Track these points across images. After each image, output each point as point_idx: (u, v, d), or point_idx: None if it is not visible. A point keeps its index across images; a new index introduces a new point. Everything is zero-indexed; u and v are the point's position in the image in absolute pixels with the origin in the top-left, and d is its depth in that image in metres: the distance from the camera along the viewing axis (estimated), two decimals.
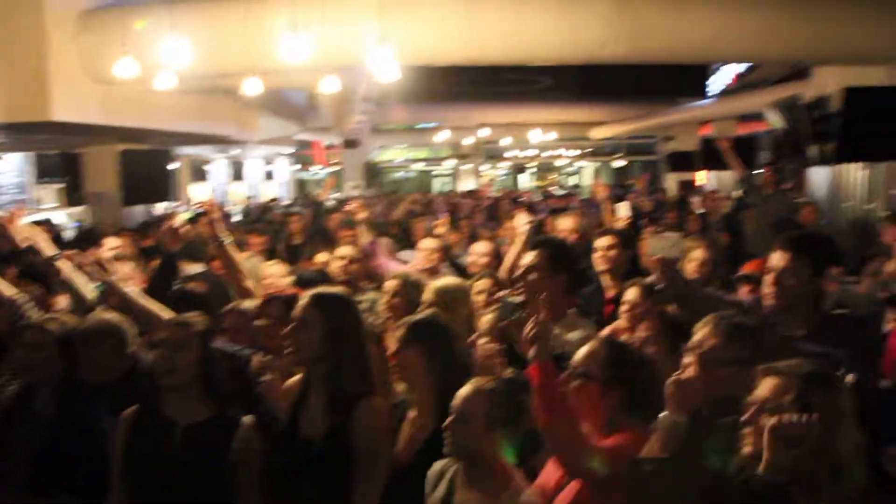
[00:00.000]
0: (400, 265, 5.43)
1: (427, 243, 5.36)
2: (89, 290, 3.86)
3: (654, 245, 3.33)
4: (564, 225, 5.70)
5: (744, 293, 4.52)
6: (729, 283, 5.38)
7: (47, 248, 4.00)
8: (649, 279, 3.94)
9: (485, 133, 23.63)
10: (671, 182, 20.01)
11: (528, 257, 3.51)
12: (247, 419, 2.68)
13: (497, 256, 5.51)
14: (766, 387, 2.16)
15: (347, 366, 2.64)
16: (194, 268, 5.44)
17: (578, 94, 20.52)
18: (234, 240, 4.60)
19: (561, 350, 3.14)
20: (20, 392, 3.16)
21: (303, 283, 4.43)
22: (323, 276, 4.79)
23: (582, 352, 2.61)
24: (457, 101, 21.32)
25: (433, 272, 5.20)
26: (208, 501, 2.57)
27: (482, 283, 4.21)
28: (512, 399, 2.53)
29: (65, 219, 17.92)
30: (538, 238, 3.80)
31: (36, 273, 4.47)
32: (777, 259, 3.19)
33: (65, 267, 3.88)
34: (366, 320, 2.89)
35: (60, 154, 11.64)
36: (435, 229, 7.11)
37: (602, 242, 4.76)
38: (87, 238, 5.92)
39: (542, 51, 7.01)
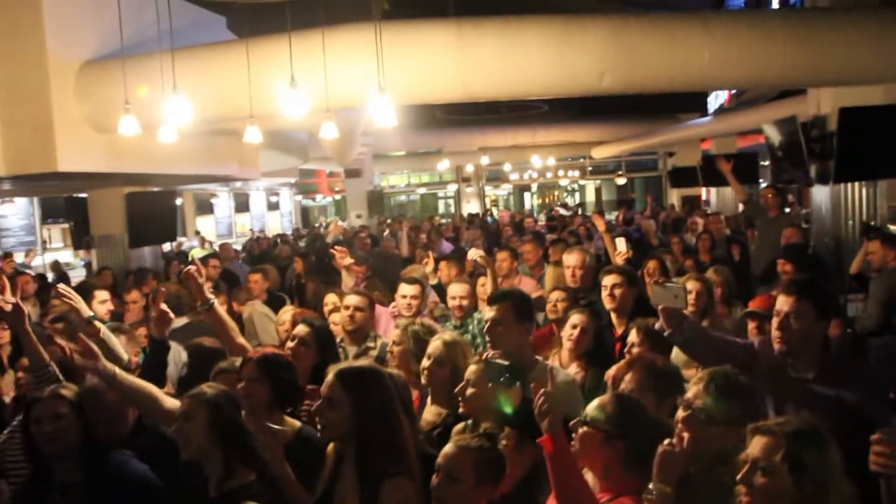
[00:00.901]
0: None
1: (401, 290, 5.39)
2: (123, 351, 3.88)
3: (656, 295, 3.36)
4: (571, 261, 5.72)
5: (751, 329, 4.54)
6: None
7: (84, 310, 4.03)
8: (653, 323, 3.98)
9: (485, 161, 23.83)
10: (674, 198, 20.05)
11: (490, 312, 3.55)
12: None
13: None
14: (756, 445, 2.21)
15: (377, 442, 2.65)
16: (179, 321, 5.42)
17: (577, 115, 20.67)
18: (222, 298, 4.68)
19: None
20: (36, 470, 3.16)
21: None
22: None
23: (595, 403, 2.67)
24: (456, 127, 21.48)
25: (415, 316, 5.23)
26: None
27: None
28: (496, 454, 2.58)
29: (72, 258, 18.09)
30: (500, 291, 3.87)
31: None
32: (782, 303, 3.24)
33: (102, 327, 3.90)
34: (394, 393, 2.85)
35: (66, 197, 11.72)
36: (424, 265, 7.14)
37: (608, 281, 4.80)
38: (80, 291, 5.88)
39: (537, 86, 7.07)
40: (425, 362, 3.73)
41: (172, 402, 3.20)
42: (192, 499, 2.79)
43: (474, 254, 6.08)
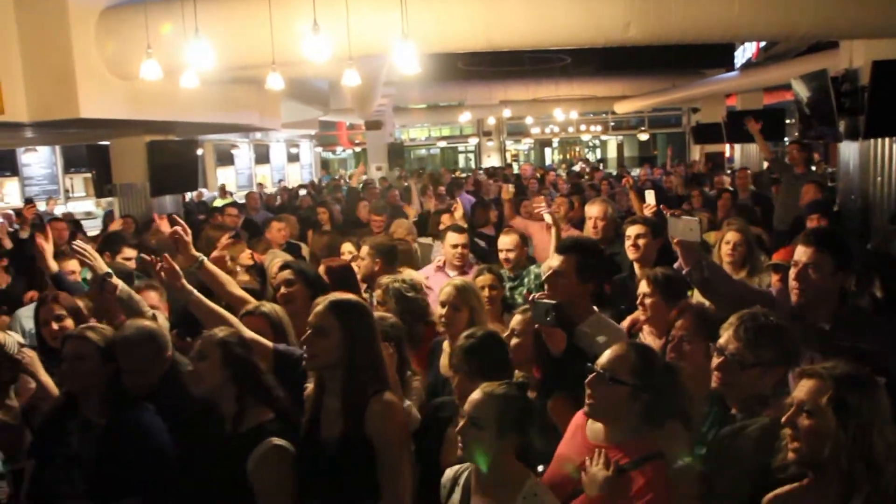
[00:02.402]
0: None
1: (451, 239, 5.36)
2: (145, 306, 3.90)
3: (671, 227, 3.31)
4: (593, 211, 5.68)
5: (775, 282, 4.50)
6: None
7: (101, 267, 4.03)
8: (675, 266, 3.95)
9: (507, 114, 23.54)
10: (697, 154, 19.81)
11: (556, 261, 3.50)
12: (274, 439, 2.72)
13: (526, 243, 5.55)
14: (802, 388, 2.20)
15: (363, 369, 2.69)
16: None
17: (601, 69, 20.36)
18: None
19: (590, 350, 3.19)
20: (65, 401, 3.23)
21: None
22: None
23: (609, 355, 2.64)
24: (478, 80, 21.24)
25: (461, 269, 5.24)
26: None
27: (483, 279, 4.28)
28: (523, 404, 2.56)
29: (93, 208, 18.23)
30: (566, 242, 3.79)
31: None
32: (801, 254, 3.20)
33: (119, 284, 3.92)
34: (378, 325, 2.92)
35: (88, 145, 11.74)
36: (454, 215, 7.13)
37: (632, 231, 4.76)
38: (108, 243, 5.94)
39: (562, 35, 6.96)
40: (441, 309, 3.76)
41: (247, 332, 3.24)
42: (210, 438, 2.81)
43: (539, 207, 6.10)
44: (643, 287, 3.80)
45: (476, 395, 2.53)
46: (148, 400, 3.22)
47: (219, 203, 14.86)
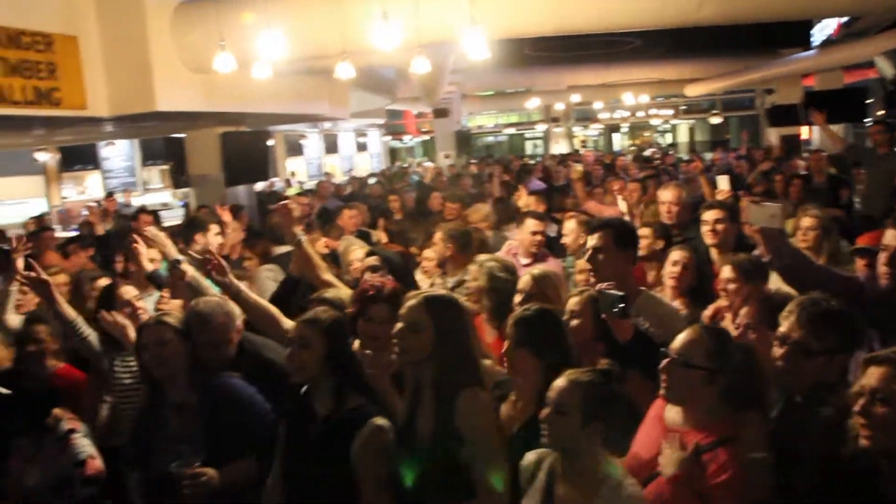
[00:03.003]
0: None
1: (530, 226, 5.31)
2: (213, 291, 4.01)
3: (753, 214, 3.22)
4: (666, 196, 5.56)
5: (860, 266, 4.34)
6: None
7: (171, 253, 4.15)
8: (754, 253, 3.85)
9: (576, 99, 23.19)
10: (773, 138, 19.21)
11: (591, 240, 3.46)
12: (376, 419, 2.76)
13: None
14: (872, 376, 2.13)
15: (453, 364, 2.68)
16: (280, 249, 5.67)
17: (671, 51, 19.87)
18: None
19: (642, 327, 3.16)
20: (151, 392, 3.32)
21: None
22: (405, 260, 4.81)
23: (683, 338, 2.59)
24: (546, 66, 21.00)
25: (536, 257, 5.20)
26: (336, 491, 2.70)
27: (583, 263, 4.21)
28: (608, 392, 2.52)
29: (170, 199, 18.77)
30: (596, 221, 3.74)
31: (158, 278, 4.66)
32: (891, 237, 3.08)
33: (189, 269, 4.02)
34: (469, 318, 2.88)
35: (165, 139, 12.07)
36: (520, 201, 7.10)
37: (709, 216, 4.63)
38: (192, 226, 6.16)
39: (631, 17, 6.82)
40: (517, 297, 3.74)
41: (290, 323, 3.28)
42: (302, 421, 2.85)
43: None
44: (727, 273, 3.71)
45: (560, 381, 2.50)
46: (230, 370, 3.31)
47: (291, 192, 15.15)
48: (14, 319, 4.50)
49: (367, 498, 2.71)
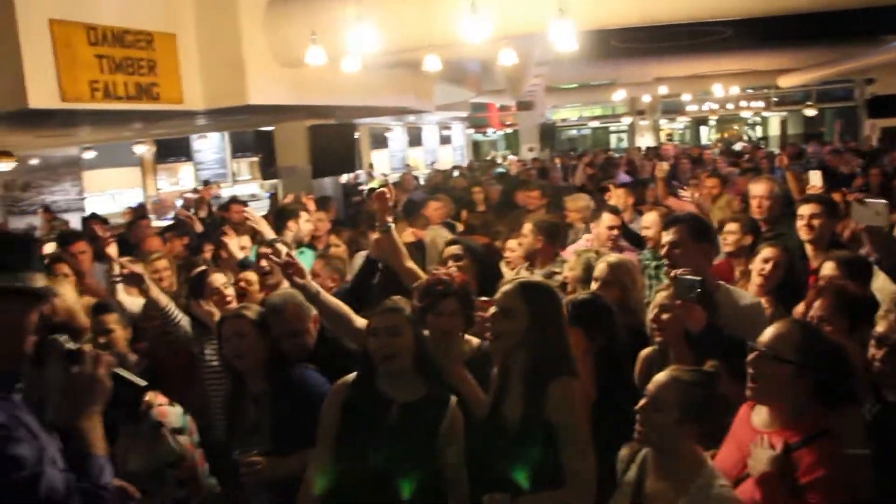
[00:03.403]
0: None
1: (606, 220, 5.28)
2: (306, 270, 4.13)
3: (856, 213, 3.14)
4: (758, 190, 5.42)
5: None
6: None
7: (268, 233, 4.30)
8: (861, 251, 3.74)
9: (663, 91, 22.69)
10: (872, 130, 18.41)
11: (667, 236, 3.40)
12: (453, 399, 2.81)
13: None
14: None
15: (546, 352, 2.67)
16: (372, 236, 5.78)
17: (764, 40, 19.20)
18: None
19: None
20: (234, 382, 3.42)
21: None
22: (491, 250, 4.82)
23: (772, 331, 2.53)
24: (632, 57, 20.62)
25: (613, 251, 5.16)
26: (419, 475, 2.73)
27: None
28: (709, 393, 2.47)
29: (258, 190, 19.29)
30: (674, 216, 3.70)
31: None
32: None
33: (284, 249, 4.16)
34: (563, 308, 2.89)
35: (254, 131, 12.41)
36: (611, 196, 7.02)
37: (806, 210, 4.50)
38: (283, 214, 6.35)
39: (722, 5, 6.61)
40: (594, 285, 3.74)
41: (361, 322, 3.34)
42: (379, 405, 2.89)
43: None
44: (829, 270, 3.61)
45: (661, 376, 2.48)
46: (310, 359, 3.38)
47: (374, 184, 15.33)
48: (129, 300, 4.64)
49: (451, 478, 2.75)
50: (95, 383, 2.02)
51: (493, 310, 2.75)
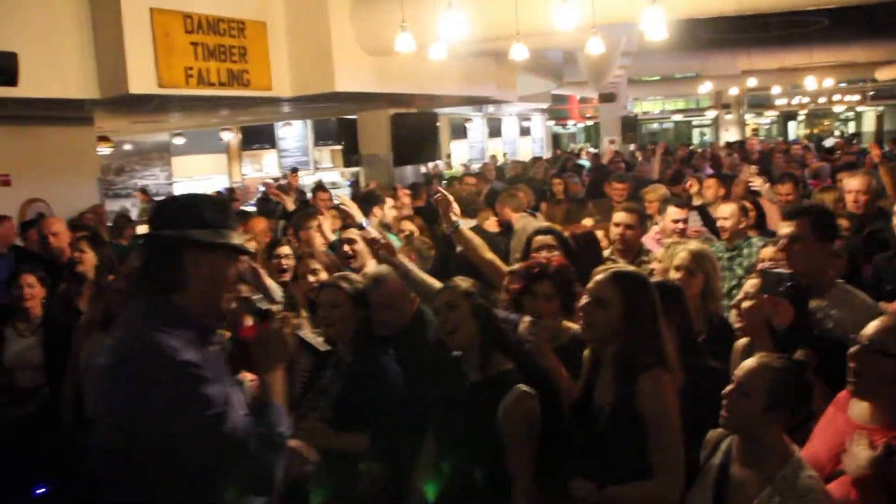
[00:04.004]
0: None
1: (672, 214, 5.19)
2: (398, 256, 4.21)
3: None
4: (853, 185, 5.24)
5: None
6: None
7: (358, 217, 4.39)
8: None
9: (752, 84, 22.01)
10: None
11: (789, 227, 3.27)
12: (522, 386, 2.79)
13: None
14: None
15: (639, 343, 2.64)
16: (467, 222, 5.85)
17: (862, 31, 18.41)
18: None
19: (829, 326, 3.01)
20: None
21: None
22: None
23: (878, 325, 2.45)
24: (720, 49, 20.11)
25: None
26: (481, 452, 2.76)
27: (769, 251, 4.08)
28: (799, 383, 2.42)
29: (338, 178, 19.59)
30: (795, 208, 3.53)
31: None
32: None
33: (374, 232, 4.25)
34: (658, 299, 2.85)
35: (338, 119, 12.60)
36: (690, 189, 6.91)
37: None
38: (367, 200, 6.48)
39: None
40: (675, 274, 3.67)
41: None
42: (454, 385, 2.93)
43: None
44: None
45: (751, 362, 2.44)
46: (391, 346, 3.43)
47: (450, 174, 15.42)
48: (273, 284, 4.73)
49: (512, 460, 2.74)
50: (280, 342, 2.19)
51: (586, 299, 2.74)
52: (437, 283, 3.48)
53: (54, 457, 4.28)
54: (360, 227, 4.33)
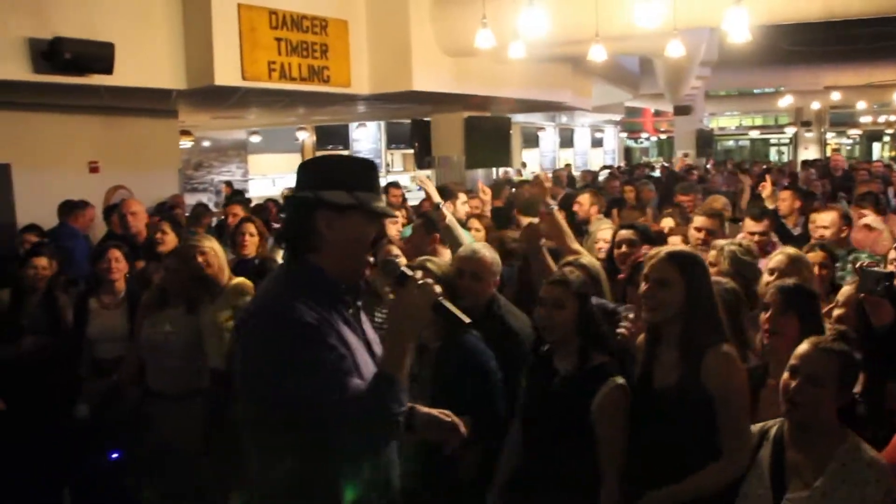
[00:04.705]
0: None
1: (748, 226, 5.12)
2: (467, 238, 4.26)
3: None
4: None
5: None
6: None
7: (435, 196, 4.49)
8: None
9: (836, 98, 21.37)
10: None
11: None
12: (617, 378, 2.77)
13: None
14: None
15: (702, 320, 2.64)
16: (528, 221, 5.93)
17: None
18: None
19: None
20: None
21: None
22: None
23: None
24: (801, 63, 19.59)
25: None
26: (573, 446, 2.76)
27: (815, 256, 4.05)
28: (855, 360, 2.38)
29: (408, 182, 19.81)
30: None
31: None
32: None
33: (447, 214, 4.33)
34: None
35: (412, 121, 12.72)
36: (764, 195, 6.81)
37: None
38: (441, 194, 6.57)
39: None
40: (767, 277, 3.63)
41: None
42: (543, 377, 2.93)
43: None
44: None
45: (808, 349, 2.38)
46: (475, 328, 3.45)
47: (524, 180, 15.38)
48: None
49: (604, 454, 2.73)
50: (416, 309, 2.03)
51: (646, 283, 2.73)
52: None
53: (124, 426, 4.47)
54: (437, 207, 4.40)
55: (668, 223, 5.61)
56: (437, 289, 2.03)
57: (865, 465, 2.24)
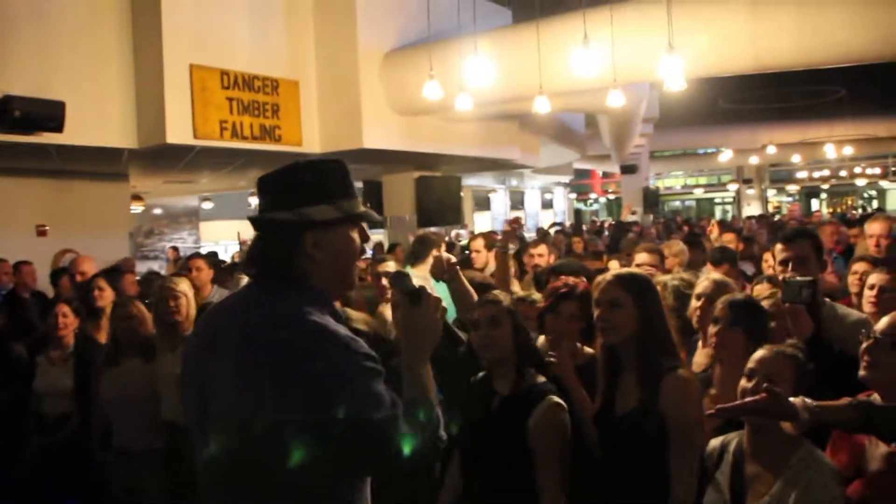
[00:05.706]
0: None
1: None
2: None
3: None
4: (874, 229, 5.35)
5: None
6: None
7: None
8: None
9: (772, 151, 22.17)
10: None
11: (790, 251, 3.33)
12: (553, 396, 2.79)
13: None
14: None
15: (656, 343, 2.68)
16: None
17: (879, 104, 18.60)
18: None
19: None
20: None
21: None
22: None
23: (888, 320, 2.47)
24: (740, 122, 20.39)
25: None
26: (510, 467, 2.75)
27: (760, 288, 4.11)
28: (810, 368, 2.45)
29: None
30: (790, 232, 3.64)
31: None
32: None
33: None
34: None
35: (364, 182, 12.84)
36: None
37: None
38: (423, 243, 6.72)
39: (841, 49, 6.36)
40: (695, 302, 3.66)
41: None
42: (482, 398, 2.93)
43: None
44: None
45: (765, 353, 2.46)
46: None
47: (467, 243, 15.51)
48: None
49: (542, 473, 2.73)
50: (432, 324, 1.91)
51: (597, 308, 2.76)
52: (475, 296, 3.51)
53: (82, 483, 4.35)
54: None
55: (613, 265, 5.76)
56: (444, 307, 1.95)
57: (816, 470, 2.30)
